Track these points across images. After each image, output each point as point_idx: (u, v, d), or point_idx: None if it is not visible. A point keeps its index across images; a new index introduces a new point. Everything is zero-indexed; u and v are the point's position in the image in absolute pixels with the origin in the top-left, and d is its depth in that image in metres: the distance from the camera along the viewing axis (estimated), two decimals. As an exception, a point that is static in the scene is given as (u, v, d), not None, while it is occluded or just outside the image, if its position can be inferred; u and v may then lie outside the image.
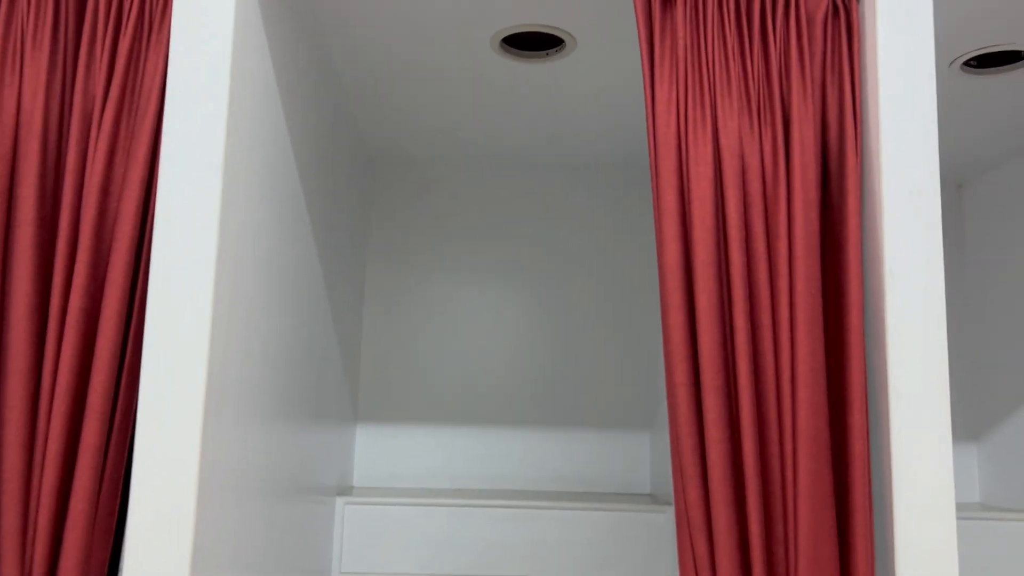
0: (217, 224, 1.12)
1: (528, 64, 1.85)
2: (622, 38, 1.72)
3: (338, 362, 2.06)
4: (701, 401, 1.14)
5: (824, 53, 1.24)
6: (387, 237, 2.48)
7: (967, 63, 1.82)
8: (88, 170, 1.15)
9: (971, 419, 2.45)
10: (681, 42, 1.21)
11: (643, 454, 2.40)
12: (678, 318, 1.16)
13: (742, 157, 1.19)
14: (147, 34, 1.19)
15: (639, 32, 1.24)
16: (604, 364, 2.44)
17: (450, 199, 2.51)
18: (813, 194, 1.18)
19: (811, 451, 1.13)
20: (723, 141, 1.19)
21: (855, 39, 1.24)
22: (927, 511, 1.12)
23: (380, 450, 2.38)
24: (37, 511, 1.08)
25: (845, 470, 1.17)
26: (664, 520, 2.12)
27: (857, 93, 1.22)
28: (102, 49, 1.19)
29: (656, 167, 1.20)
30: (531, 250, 2.49)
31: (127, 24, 1.18)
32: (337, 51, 1.79)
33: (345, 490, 2.20)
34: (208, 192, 1.13)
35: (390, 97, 2.05)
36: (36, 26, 1.17)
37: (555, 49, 1.79)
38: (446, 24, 1.67)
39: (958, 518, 2.13)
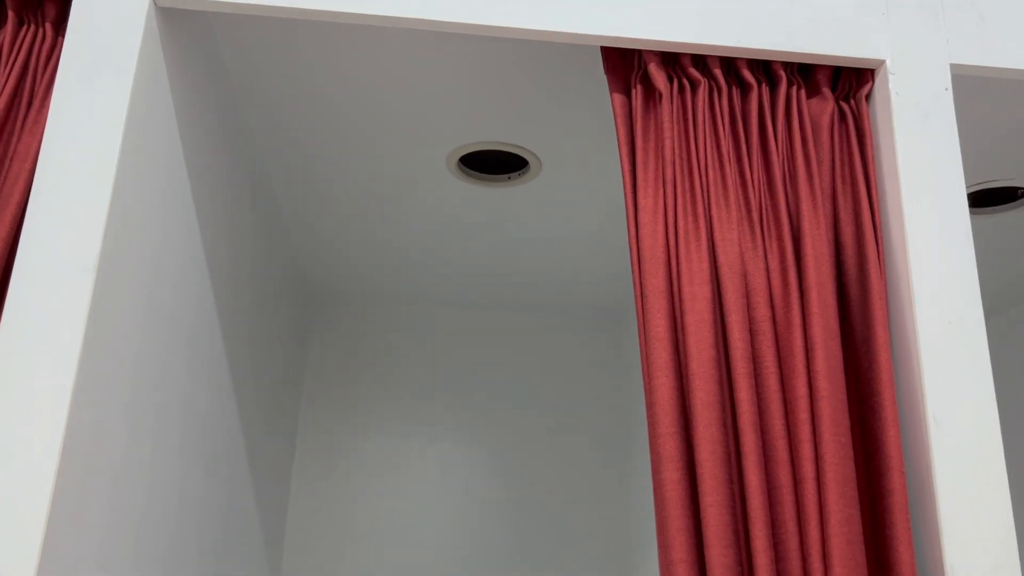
0: (80, 349, 0.87)
1: (488, 188, 1.67)
2: (594, 160, 1.55)
3: (254, 525, 1.74)
4: (707, 587, 0.87)
5: (833, 161, 1.07)
6: (324, 383, 2.20)
7: (960, 201, 1.70)
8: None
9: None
10: (668, 142, 1.02)
11: (614, 641, 2.05)
12: (673, 475, 0.90)
13: (744, 275, 0.98)
14: (24, 111, 0.99)
15: (618, 133, 1.06)
16: (569, 527, 2.13)
17: (397, 341, 2.26)
18: (833, 321, 0.97)
19: (850, 656, 0.85)
20: (721, 256, 0.98)
21: (867, 146, 1.07)
22: None
23: (303, 635, 2.01)
24: None
25: None
26: None
27: (876, 206, 1.03)
28: (-36, 125, 0.97)
29: (641, 286, 0.98)
30: (488, 400, 2.22)
31: (-2, 96, 0.97)
32: (271, 169, 1.59)
33: None
34: (73, 302, 0.88)
35: (331, 224, 1.84)
36: None
37: (518, 172, 1.62)
38: (396, 140, 1.49)
39: None
